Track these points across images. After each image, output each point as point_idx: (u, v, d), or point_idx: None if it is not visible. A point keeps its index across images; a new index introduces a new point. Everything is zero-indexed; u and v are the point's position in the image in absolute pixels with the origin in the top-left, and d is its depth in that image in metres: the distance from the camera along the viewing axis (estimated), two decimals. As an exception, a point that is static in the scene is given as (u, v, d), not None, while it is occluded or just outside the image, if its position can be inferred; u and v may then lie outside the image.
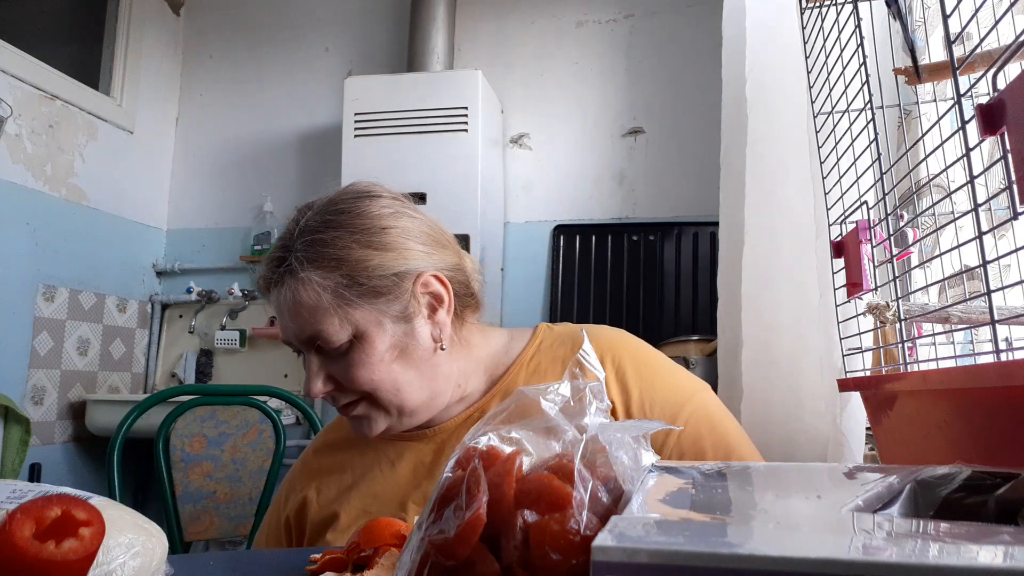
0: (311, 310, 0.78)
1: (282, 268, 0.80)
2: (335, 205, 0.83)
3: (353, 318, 0.79)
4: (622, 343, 0.90)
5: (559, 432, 0.39)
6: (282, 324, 0.82)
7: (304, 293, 0.78)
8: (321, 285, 0.78)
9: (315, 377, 0.81)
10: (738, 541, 0.27)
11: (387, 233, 0.81)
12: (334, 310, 0.78)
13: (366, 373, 0.80)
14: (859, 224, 0.80)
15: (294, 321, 0.80)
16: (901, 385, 0.69)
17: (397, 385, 0.81)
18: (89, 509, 0.45)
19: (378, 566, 0.53)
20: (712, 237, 2.45)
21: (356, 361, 0.79)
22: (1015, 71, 0.49)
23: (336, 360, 0.80)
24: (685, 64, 2.59)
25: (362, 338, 0.79)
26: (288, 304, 0.79)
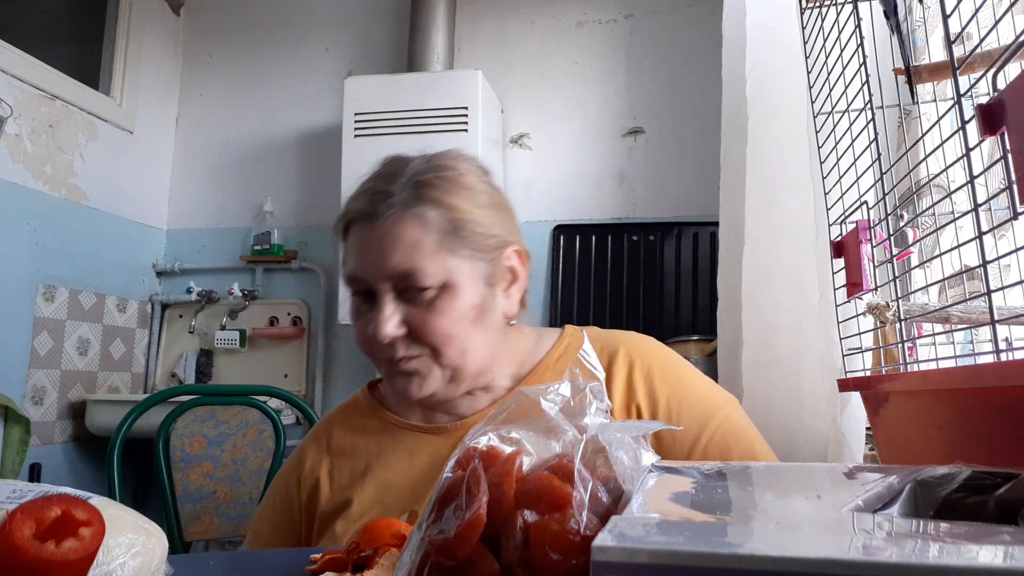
0: (412, 245, 0.77)
1: (390, 200, 0.79)
2: (439, 161, 0.83)
3: (449, 265, 0.78)
4: (650, 350, 0.89)
5: (559, 432, 0.39)
6: (366, 259, 0.79)
7: (409, 227, 0.77)
8: (430, 224, 0.77)
9: (390, 318, 0.78)
10: (738, 541, 0.27)
11: (491, 196, 0.83)
12: (434, 252, 0.77)
13: (447, 323, 0.78)
14: (859, 224, 0.80)
15: (390, 255, 0.77)
16: (901, 385, 0.68)
17: (466, 346, 0.80)
18: (89, 509, 0.45)
19: (378, 566, 0.53)
20: (712, 237, 2.44)
21: (440, 309, 0.78)
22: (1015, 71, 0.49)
23: (415, 305, 0.78)
24: (685, 64, 2.59)
25: (451, 288, 0.78)
26: (385, 237, 0.78)
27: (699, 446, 0.81)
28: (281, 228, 2.80)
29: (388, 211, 0.78)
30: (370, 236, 0.79)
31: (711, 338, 1.97)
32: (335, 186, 2.46)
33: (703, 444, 0.81)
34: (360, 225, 0.81)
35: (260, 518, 0.95)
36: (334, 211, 2.79)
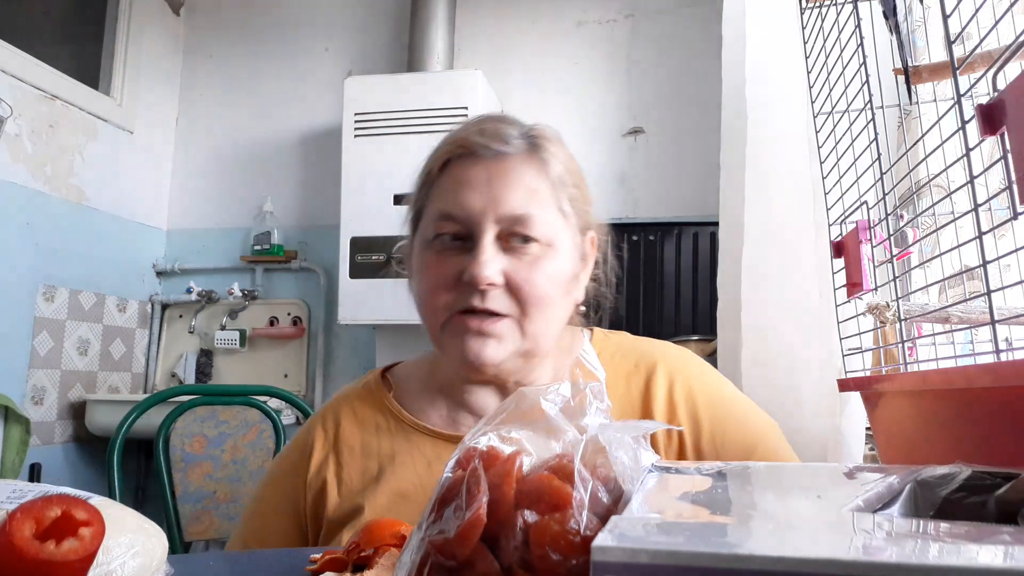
0: (531, 192, 0.73)
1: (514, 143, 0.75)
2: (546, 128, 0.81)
3: (557, 226, 0.74)
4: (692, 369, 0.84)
5: (559, 432, 0.39)
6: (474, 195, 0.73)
7: (532, 173, 0.74)
8: (548, 176, 0.74)
9: (492, 261, 0.71)
10: (738, 541, 0.27)
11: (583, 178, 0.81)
12: (550, 205, 0.74)
13: (548, 284, 0.73)
14: (859, 224, 0.80)
15: (507, 195, 0.72)
16: (901, 385, 0.68)
17: (553, 317, 0.75)
18: (89, 509, 0.45)
19: (378, 566, 0.53)
20: (712, 237, 2.44)
21: (543, 267, 0.73)
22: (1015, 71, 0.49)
23: (521, 257, 0.73)
24: (685, 64, 2.59)
25: (555, 249, 0.74)
26: (505, 175, 0.73)
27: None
28: (281, 228, 2.80)
29: (513, 149, 0.74)
30: (484, 173, 0.73)
31: (711, 338, 1.96)
32: (335, 186, 2.46)
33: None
34: (470, 161, 0.75)
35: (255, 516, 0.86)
36: (334, 211, 2.77)
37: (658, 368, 0.82)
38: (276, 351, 2.79)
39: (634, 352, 0.85)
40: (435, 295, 0.75)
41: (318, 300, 2.77)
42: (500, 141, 0.74)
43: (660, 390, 0.81)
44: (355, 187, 2.37)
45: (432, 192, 0.78)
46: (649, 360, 0.83)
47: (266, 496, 0.87)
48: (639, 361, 0.84)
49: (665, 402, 0.81)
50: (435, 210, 0.76)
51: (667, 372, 0.82)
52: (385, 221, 2.31)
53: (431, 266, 0.75)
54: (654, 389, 0.81)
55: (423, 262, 0.77)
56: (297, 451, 0.86)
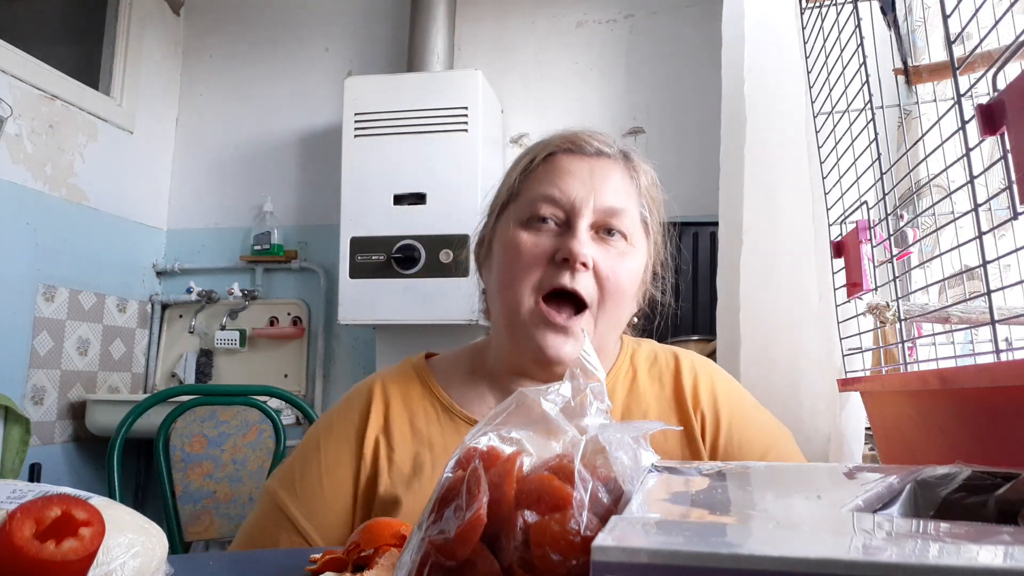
0: (625, 191, 0.80)
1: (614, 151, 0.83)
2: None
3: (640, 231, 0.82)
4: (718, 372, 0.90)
5: (559, 432, 0.39)
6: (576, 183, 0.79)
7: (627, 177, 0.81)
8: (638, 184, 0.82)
9: (587, 244, 0.77)
10: (738, 541, 0.27)
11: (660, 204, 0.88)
12: (636, 208, 0.81)
13: (629, 277, 0.79)
14: (859, 224, 0.80)
15: (606, 188, 0.79)
16: (901, 385, 0.68)
17: (622, 315, 0.82)
18: (89, 509, 0.45)
19: (378, 566, 0.53)
20: (712, 237, 2.44)
21: (627, 262, 0.79)
22: (1015, 71, 0.49)
23: (605, 247, 0.79)
24: (685, 64, 2.59)
25: (636, 248, 0.81)
26: (605, 171, 0.80)
27: None
28: (281, 228, 2.80)
29: (611, 156, 0.82)
30: (587, 167, 0.80)
31: (711, 338, 1.96)
32: (335, 186, 2.46)
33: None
34: (575, 156, 0.81)
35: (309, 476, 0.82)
36: (334, 211, 2.77)
37: (683, 364, 0.88)
38: (276, 351, 2.79)
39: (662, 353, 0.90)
40: (527, 272, 0.77)
41: (318, 300, 2.77)
42: (602, 143, 0.83)
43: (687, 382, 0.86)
44: (355, 187, 2.37)
45: (532, 178, 0.83)
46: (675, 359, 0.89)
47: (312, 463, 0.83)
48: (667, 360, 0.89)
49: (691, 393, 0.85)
50: (538, 193, 0.80)
51: (691, 367, 0.88)
52: (385, 221, 2.31)
53: (526, 244, 0.78)
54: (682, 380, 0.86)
55: (516, 241, 0.79)
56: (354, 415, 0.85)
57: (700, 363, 0.89)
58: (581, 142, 0.82)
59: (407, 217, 2.28)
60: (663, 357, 0.89)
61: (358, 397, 0.88)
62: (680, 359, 0.88)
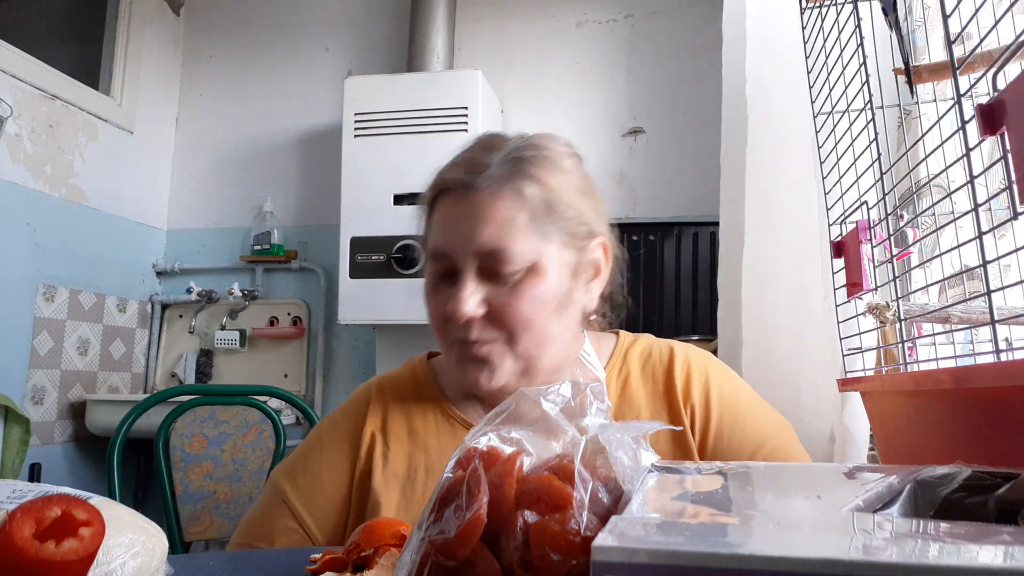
0: (505, 222, 0.74)
1: (487, 173, 0.75)
2: (539, 139, 0.80)
3: (539, 249, 0.75)
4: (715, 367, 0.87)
5: (559, 432, 0.39)
6: (455, 232, 0.76)
7: (505, 203, 0.74)
8: (525, 203, 0.74)
9: (471, 296, 0.74)
10: (738, 541, 0.27)
11: (586, 183, 0.81)
12: (527, 232, 0.74)
13: (530, 308, 0.75)
14: (859, 224, 0.80)
15: (481, 229, 0.74)
16: (901, 385, 0.68)
17: (545, 335, 0.77)
18: (89, 509, 0.45)
19: (378, 566, 0.53)
20: (712, 237, 2.44)
21: (525, 293, 0.75)
22: (1015, 71, 0.49)
23: (498, 286, 0.75)
24: (685, 64, 2.59)
25: (537, 272, 0.75)
26: (479, 209, 0.74)
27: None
28: (281, 228, 2.80)
29: (485, 183, 0.75)
30: (463, 208, 0.76)
31: (711, 338, 1.96)
32: (335, 186, 2.46)
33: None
34: (453, 196, 0.77)
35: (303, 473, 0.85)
36: (334, 211, 2.78)
37: (677, 359, 0.86)
38: (276, 351, 2.79)
39: (657, 349, 0.89)
40: (436, 331, 0.80)
41: (318, 300, 2.77)
42: (475, 173, 0.76)
43: (679, 378, 0.84)
44: (355, 187, 2.37)
45: (430, 223, 0.82)
46: (669, 353, 0.87)
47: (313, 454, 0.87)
48: (661, 355, 0.87)
49: (682, 388, 0.84)
50: (430, 247, 0.80)
51: (685, 362, 0.86)
52: (385, 221, 2.31)
53: (430, 304, 0.81)
54: (674, 375, 0.85)
55: (426, 301, 0.82)
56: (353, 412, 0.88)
57: (696, 357, 0.87)
58: (453, 183, 0.77)
59: (407, 217, 2.28)
60: (658, 352, 0.88)
61: (359, 396, 0.91)
62: (675, 353, 0.87)
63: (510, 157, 0.77)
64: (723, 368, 0.89)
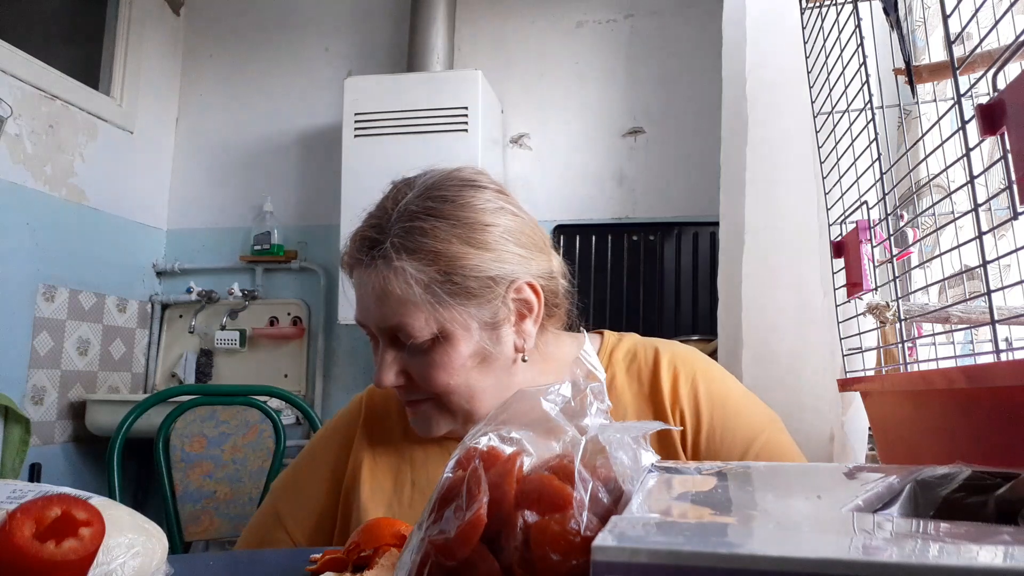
0: (399, 301, 0.73)
1: (375, 251, 0.75)
2: (438, 191, 0.78)
3: (441, 317, 0.74)
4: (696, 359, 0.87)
5: (559, 432, 0.39)
6: (363, 306, 0.77)
7: (395, 283, 0.73)
8: (415, 278, 0.73)
9: (388, 368, 0.76)
10: (738, 541, 0.27)
11: (488, 231, 0.76)
12: (423, 305, 0.73)
13: (444, 376, 0.76)
14: (859, 224, 0.80)
15: (379, 308, 0.75)
16: (901, 385, 0.68)
17: (472, 392, 0.78)
18: (89, 509, 0.45)
19: (378, 566, 0.53)
20: (712, 237, 2.44)
21: (435, 362, 0.75)
22: (1015, 71, 0.49)
23: (413, 356, 0.76)
24: (685, 64, 2.59)
25: (447, 338, 0.75)
26: (376, 290, 0.75)
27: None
28: (281, 228, 2.80)
29: (374, 263, 0.75)
30: (361, 286, 0.77)
31: (711, 338, 1.96)
32: (335, 186, 2.46)
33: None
34: (355, 272, 0.78)
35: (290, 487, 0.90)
36: (334, 211, 2.78)
37: (663, 360, 0.85)
38: (276, 351, 2.79)
39: (642, 349, 0.88)
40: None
41: (318, 300, 2.77)
42: (370, 250, 0.76)
43: (666, 379, 0.84)
44: (355, 187, 2.37)
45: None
46: (655, 354, 0.86)
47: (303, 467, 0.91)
48: (646, 356, 0.87)
49: (670, 391, 0.83)
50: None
51: (671, 363, 0.85)
52: (385, 221, 2.31)
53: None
54: (660, 377, 0.84)
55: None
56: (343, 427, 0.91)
57: (681, 358, 0.86)
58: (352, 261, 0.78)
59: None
60: (643, 353, 0.87)
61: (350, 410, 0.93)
62: (660, 354, 0.86)
63: (402, 227, 0.75)
64: (709, 365, 0.88)
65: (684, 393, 0.83)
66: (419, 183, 0.80)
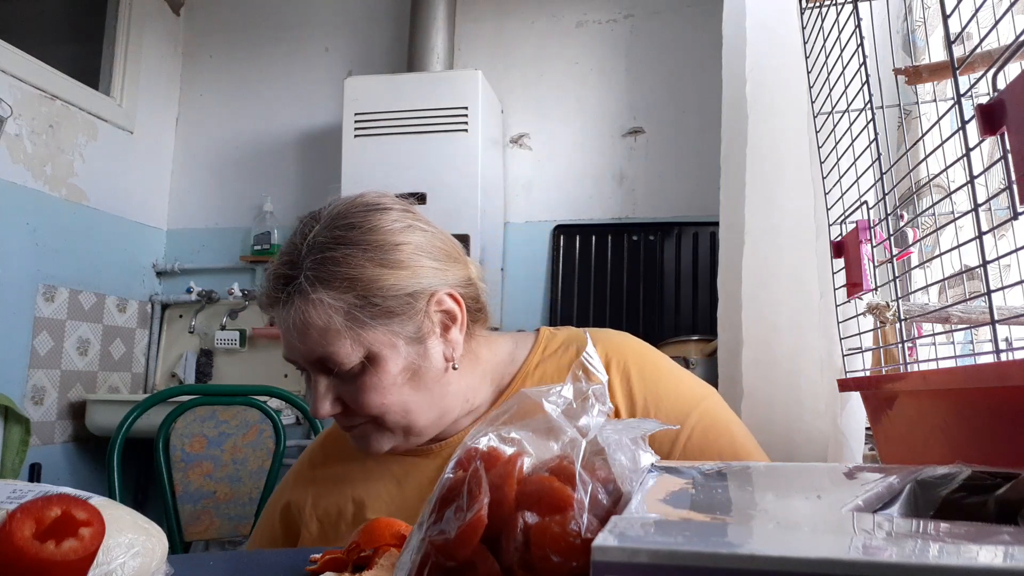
0: (321, 332, 0.74)
1: (290, 287, 0.76)
2: (344, 219, 0.79)
3: (366, 340, 0.75)
4: (627, 347, 0.88)
5: (559, 433, 0.39)
6: (288, 343, 0.78)
7: (314, 314, 0.74)
8: (333, 307, 0.74)
9: (323, 399, 0.78)
10: (738, 541, 0.27)
11: (400, 250, 0.77)
12: (346, 332, 0.75)
13: (377, 397, 0.77)
14: (859, 224, 0.80)
15: (303, 342, 0.76)
16: (901, 385, 0.69)
17: (407, 408, 0.79)
18: (89, 509, 0.45)
19: (378, 566, 0.53)
20: (712, 237, 2.44)
21: (367, 385, 0.77)
22: (1015, 71, 0.49)
23: (345, 382, 0.78)
24: (685, 64, 2.59)
25: (374, 361, 0.76)
26: (297, 325, 0.75)
27: (679, 443, 0.80)
28: (281, 228, 2.80)
29: (291, 298, 0.75)
30: (283, 322, 0.77)
31: (711, 338, 1.96)
32: (335, 186, 2.46)
33: (683, 441, 0.80)
34: (272, 311, 0.79)
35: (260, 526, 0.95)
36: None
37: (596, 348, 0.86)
38: (276, 351, 2.78)
39: (575, 342, 0.89)
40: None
41: (318, 300, 2.77)
42: (284, 287, 0.77)
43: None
44: (355, 187, 2.35)
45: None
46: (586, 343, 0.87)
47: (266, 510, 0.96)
48: (579, 348, 0.87)
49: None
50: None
51: (603, 351, 0.86)
52: (385, 221, 2.30)
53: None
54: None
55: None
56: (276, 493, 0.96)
57: (613, 347, 0.87)
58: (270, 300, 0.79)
59: (407, 217, 2.27)
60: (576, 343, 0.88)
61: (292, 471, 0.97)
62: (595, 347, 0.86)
63: (312, 260, 0.76)
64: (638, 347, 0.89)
65: (616, 381, 0.84)
66: (324, 215, 0.80)
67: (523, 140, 2.70)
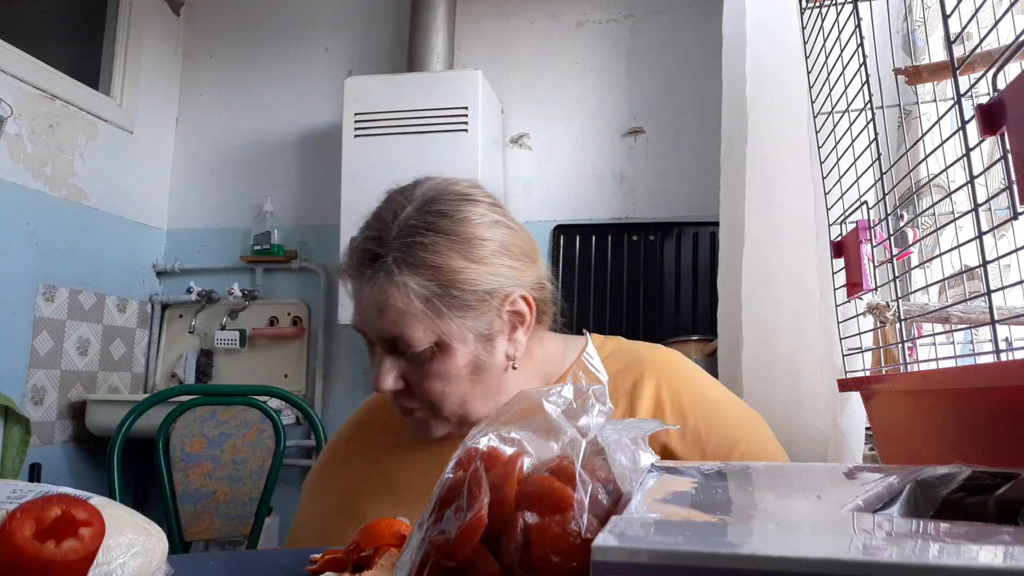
0: (399, 313, 0.76)
1: (377, 265, 0.77)
2: (436, 204, 0.80)
3: (439, 329, 0.77)
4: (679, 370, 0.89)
5: (559, 433, 0.39)
6: (362, 316, 0.80)
7: (397, 296, 0.76)
8: (416, 292, 0.76)
9: (387, 373, 0.79)
10: (738, 541, 0.27)
11: (485, 245, 0.79)
12: (422, 317, 0.76)
13: (440, 385, 0.79)
14: (859, 224, 0.80)
15: (379, 320, 0.77)
16: (901, 385, 0.69)
17: (464, 399, 0.81)
18: (89, 509, 0.45)
19: (378, 566, 0.53)
20: (712, 237, 2.44)
21: (432, 372, 0.78)
22: (1015, 71, 0.49)
23: (411, 364, 0.79)
24: (685, 64, 2.59)
25: (444, 349, 0.78)
26: (377, 302, 0.77)
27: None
28: (281, 228, 2.80)
29: (375, 275, 0.77)
30: (361, 296, 0.79)
31: (711, 338, 1.96)
32: (335, 186, 2.46)
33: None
34: (355, 282, 0.81)
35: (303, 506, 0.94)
36: (334, 211, 2.78)
37: (647, 371, 0.87)
38: (276, 351, 2.79)
39: (626, 355, 0.90)
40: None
41: (318, 300, 2.77)
42: (370, 263, 0.78)
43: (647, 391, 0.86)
44: (355, 187, 2.37)
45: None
46: (639, 363, 0.88)
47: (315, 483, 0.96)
48: (629, 363, 0.88)
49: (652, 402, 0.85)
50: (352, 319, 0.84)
51: (655, 375, 0.87)
52: (385, 221, 2.30)
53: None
54: (641, 389, 0.86)
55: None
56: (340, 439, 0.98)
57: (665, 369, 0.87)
58: (352, 271, 0.80)
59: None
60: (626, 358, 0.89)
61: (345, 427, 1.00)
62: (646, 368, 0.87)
63: (401, 242, 0.77)
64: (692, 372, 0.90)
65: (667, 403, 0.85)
66: (417, 195, 0.81)
67: (523, 140, 2.70)
